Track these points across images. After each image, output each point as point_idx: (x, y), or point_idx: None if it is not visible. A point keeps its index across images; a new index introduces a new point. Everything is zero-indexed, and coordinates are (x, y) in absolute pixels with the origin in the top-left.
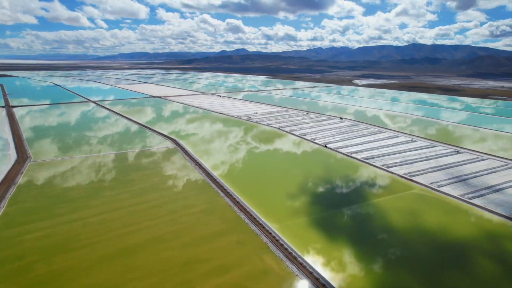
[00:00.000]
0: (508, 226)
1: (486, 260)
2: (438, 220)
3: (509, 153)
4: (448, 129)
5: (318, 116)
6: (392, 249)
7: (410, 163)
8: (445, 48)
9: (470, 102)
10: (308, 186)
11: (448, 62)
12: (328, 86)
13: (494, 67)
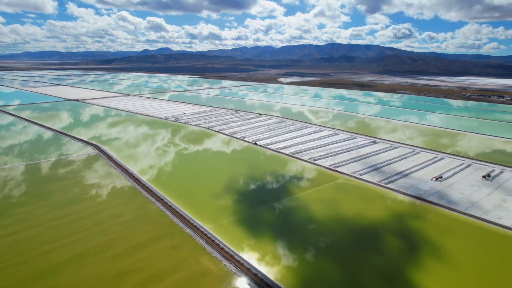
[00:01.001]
0: (417, 205)
1: (398, 238)
2: (361, 206)
3: (415, 141)
4: (365, 121)
5: (246, 114)
6: (321, 237)
7: (334, 155)
8: (359, 47)
9: (382, 97)
10: (239, 184)
11: (362, 60)
12: (255, 85)
13: (399, 65)
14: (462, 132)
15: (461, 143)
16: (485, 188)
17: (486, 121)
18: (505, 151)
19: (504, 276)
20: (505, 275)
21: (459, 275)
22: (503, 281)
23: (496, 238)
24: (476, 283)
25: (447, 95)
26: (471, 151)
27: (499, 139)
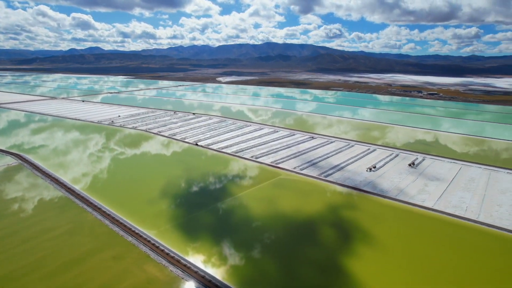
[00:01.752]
0: (353, 195)
1: (334, 229)
2: (302, 201)
3: (349, 135)
4: (303, 118)
5: (186, 115)
6: (264, 234)
7: (275, 151)
8: (294, 46)
9: (317, 94)
10: (182, 186)
11: (297, 59)
12: (193, 84)
13: (332, 63)
14: (390, 125)
15: (389, 135)
16: (410, 175)
17: (409, 114)
18: (425, 140)
19: (428, 252)
20: (429, 251)
21: (389, 257)
22: (428, 257)
23: (420, 219)
24: (404, 262)
25: (376, 91)
26: (398, 142)
27: (421, 130)
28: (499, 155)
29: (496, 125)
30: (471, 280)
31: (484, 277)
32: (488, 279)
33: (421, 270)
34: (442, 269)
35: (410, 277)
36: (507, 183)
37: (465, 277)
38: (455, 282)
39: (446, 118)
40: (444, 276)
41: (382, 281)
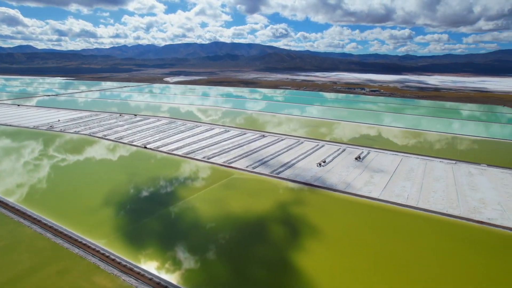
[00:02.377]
0: (305, 190)
1: (285, 225)
2: (254, 200)
3: (299, 132)
4: (254, 117)
5: (133, 117)
6: (218, 235)
7: (227, 151)
8: (242, 46)
9: (267, 92)
10: (131, 192)
11: (246, 58)
12: (139, 85)
13: (280, 63)
14: (337, 121)
15: (337, 131)
16: (357, 169)
17: (354, 110)
18: (370, 135)
19: (374, 240)
20: (375, 239)
21: (338, 248)
22: (375, 244)
23: (368, 209)
24: (352, 251)
25: (322, 89)
26: (345, 137)
27: (365, 125)
28: (433, 146)
29: (430, 119)
30: (414, 262)
31: (424, 257)
32: (428, 259)
33: (368, 258)
34: (388, 255)
35: (358, 266)
36: (440, 171)
37: (408, 260)
38: (400, 265)
39: (387, 113)
40: (389, 261)
41: (331, 272)
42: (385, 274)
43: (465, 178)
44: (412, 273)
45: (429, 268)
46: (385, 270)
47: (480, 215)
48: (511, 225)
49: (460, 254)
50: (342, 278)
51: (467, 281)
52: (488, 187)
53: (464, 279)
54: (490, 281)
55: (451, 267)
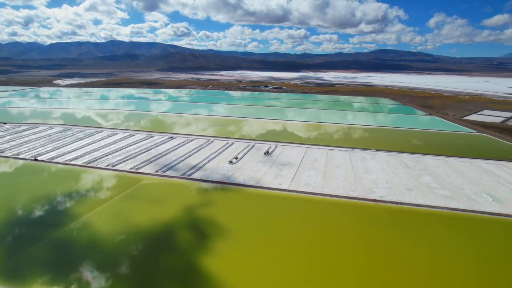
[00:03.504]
0: (218, 189)
1: (194, 229)
2: (167, 205)
3: (208, 131)
4: (160, 119)
5: (17, 126)
6: (132, 246)
7: (133, 156)
8: (142, 45)
9: (172, 93)
10: (16, 215)
11: (147, 58)
12: (22, 89)
13: (183, 62)
14: (245, 118)
15: (245, 128)
16: (267, 163)
17: (260, 107)
18: (276, 130)
19: (288, 228)
20: (288, 227)
21: (253, 242)
22: (288, 232)
23: (279, 201)
24: (266, 243)
25: (228, 87)
26: (253, 134)
27: (271, 121)
28: (332, 136)
29: (328, 112)
30: (323, 244)
31: (332, 238)
32: (335, 239)
33: (280, 247)
34: (299, 241)
35: (269, 257)
36: (339, 158)
37: (318, 243)
38: (311, 249)
39: (290, 108)
40: (301, 246)
41: (239, 268)
42: (297, 259)
43: (360, 163)
44: (322, 254)
45: (337, 247)
46: (297, 256)
47: (374, 194)
48: (397, 199)
49: (360, 231)
50: (251, 272)
51: (368, 252)
52: (378, 169)
53: (366, 251)
54: (383, 249)
55: (355, 243)
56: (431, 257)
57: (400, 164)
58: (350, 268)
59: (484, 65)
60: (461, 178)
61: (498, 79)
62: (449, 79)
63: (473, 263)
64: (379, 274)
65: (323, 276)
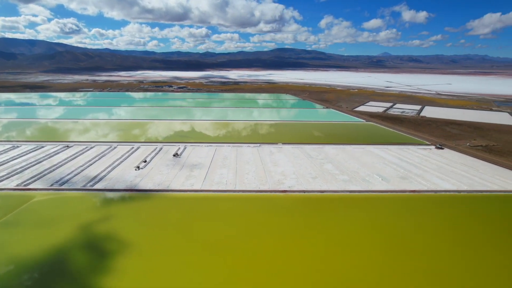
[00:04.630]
0: (124, 198)
1: (94, 248)
2: (65, 225)
3: (110, 137)
4: (52, 126)
5: None
6: (24, 276)
7: (20, 171)
8: (20, 42)
9: (64, 97)
10: None
11: (28, 57)
12: None
13: (75, 62)
14: (150, 121)
15: (151, 130)
16: (177, 165)
17: (165, 108)
18: (184, 131)
19: (201, 229)
20: (201, 228)
21: (163, 249)
22: (201, 233)
23: (193, 202)
24: (179, 246)
25: (129, 89)
26: (160, 136)
27: (178, 122)
28: (240, 133)
29: (234, 109)
30: (240, 238)
31: (248, 231)
32: (251, 232)
33: (196, 250)
34: (215, 240)
35: (186, 262)
36: (248, 154)
37: (235, 238)
38: (228, 246)
39: (197, 108)
40: (217, 245)
41: (152, 281)
42: (214, 260)
43: (268, 157)
44: (239, 250)
45: (253, 240)
46: (214, 257)
47: (283, 185)
48: (304, 188)
49: (273, 221)
50: (161, 285)
51: (282, 240)
52: (285, 161)
53: (280, 240)
54: (294, 235)
55: (269, 234)
56: (337, 235)
57: (304, 155)
58: (268, 259)
59: (366, 62)
60: (356, 163)
61: (378, 74)
62: (340, 74)
63: (370, 234)
64: (294, 260)
65: (243, 271)
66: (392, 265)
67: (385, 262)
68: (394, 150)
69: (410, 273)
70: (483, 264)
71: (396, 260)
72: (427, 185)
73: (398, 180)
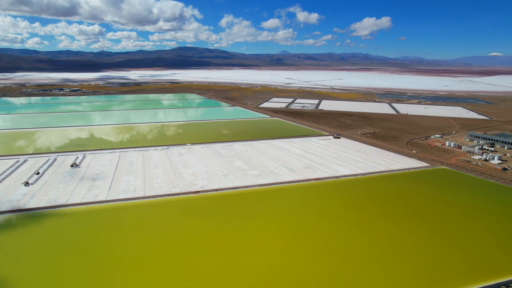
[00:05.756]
0: (9, 221)
1: None
2: None
3: None
4: None
5: None
6: None
7: None
8: None
9: None
10: None
11: None
12: None
13: None
14: (39, 129)
15: (41, 140)
16: (76, 176)
17: (57, 114)
18: (81, 138)
19: (102, 247)
20: (103, 245)
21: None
22: (97, 254)
23: (95, 214)
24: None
25: (6, 93)
26: (53, 146)
27: (74, 128)
28: (146, 136)
29: (138, 112)
30: (151, 247)
31: (160, 238)
32: (163, 238)
33: (102, 266)
34: (121, 254)
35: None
36: (157, 158)
37: (147, 245)
38: (139, 258)
39: (96, 112)
40: (128, 257)
41: None
42: (115, 276)
43: (178, 158)
44: (150, 260)
45: (166, 247)
46: (116, 272)
47: (196, 186)
48: (216, 186)
49: (187, 223)
50: None
51: (197, 241)
52: (196, 162)
53: (195, 241)
54: (209, 235)
55: (184, 237)
56: (251, 228)
57: (214, 153)
58: (183, 262)
59: (268, 60)
60: (265, 158)
61: (279, 71)
62: (244, 72)
63: (281, 223)
64: (209, 258)
65: (160, 283)
66: (301, 249)
67: (296, 247)
68: (298, 143)
69: (319, 252)
70: (378, 233)
71: (304, 243)
72: (328, 172)
73: (303, 170)
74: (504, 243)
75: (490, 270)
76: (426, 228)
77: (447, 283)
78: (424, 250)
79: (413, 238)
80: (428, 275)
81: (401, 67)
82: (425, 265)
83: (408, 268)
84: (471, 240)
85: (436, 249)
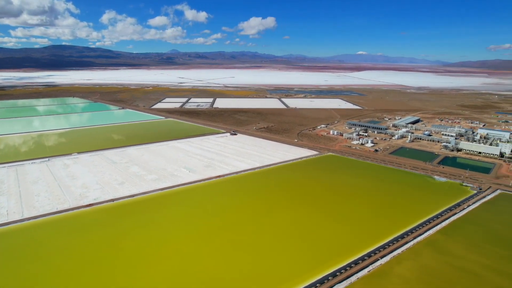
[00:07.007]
0: None
1: None
2: None
3: None
4: None
5: None
6: None
7: None
8: None
9: None
10: None
11: None
12: None
13: None
14: None
15: None
16: None
17: None
18: None
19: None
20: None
21: None
22: None
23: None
24: None
25: None
26: None
27: None
28: (19, 149)
29: (4, 121)
30: (36, 276)
31: (47, 264)
32: (51, 263)
33: None
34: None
35: None
36: (35, 172)
37: (27, 278)
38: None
39: None
40: None
41: None
42: None
43: (62, 171)
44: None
45: (51, 274)
46: None
47: (87, 199)
48: (111, 197)
49: (77, 242)
50: None
51: (82, 260)
52: (85, 172)
53: (79, 259)
54: (104, 251)
55: (72, 258)
56: (151, 237)
57: (106, 161)
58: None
59: (157, 60)
60: (163, 160)
61: (170, 71)
62: (132, 72)
63: (186, 226)
64: (111, 275)
65: None
66: (210, 247)
67: (204, 247)
68: (196, 142)
69: (229, 246)
70: (281, 220)
71: (212, 241)
72: (229, 168)
73: (204, 169)
74: (380, 210)
75: (374, 235)
76: (320, 208)
77: (345, 253)
78: (322, 226)
79: (312, 218)
80: (327, 248)
81: (287, 64)
82: (324, 240)
83: (310, 245)
84: (356, 213)
85: (331, 224)
